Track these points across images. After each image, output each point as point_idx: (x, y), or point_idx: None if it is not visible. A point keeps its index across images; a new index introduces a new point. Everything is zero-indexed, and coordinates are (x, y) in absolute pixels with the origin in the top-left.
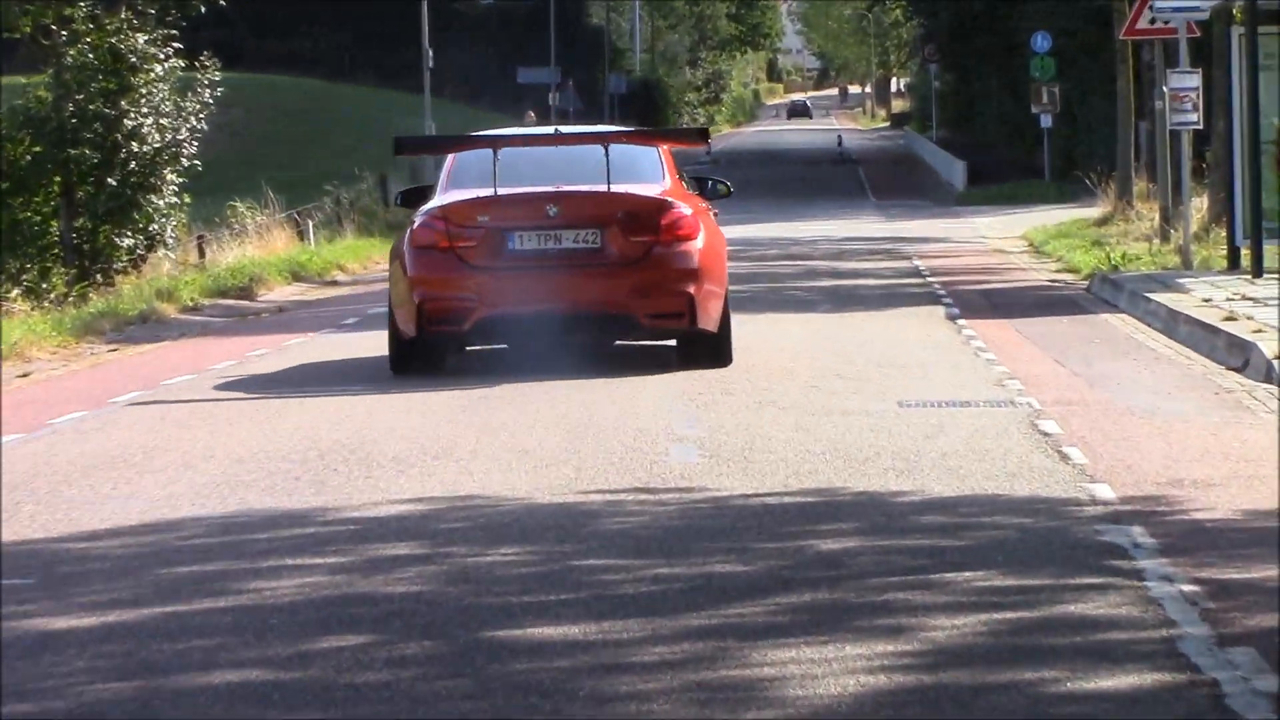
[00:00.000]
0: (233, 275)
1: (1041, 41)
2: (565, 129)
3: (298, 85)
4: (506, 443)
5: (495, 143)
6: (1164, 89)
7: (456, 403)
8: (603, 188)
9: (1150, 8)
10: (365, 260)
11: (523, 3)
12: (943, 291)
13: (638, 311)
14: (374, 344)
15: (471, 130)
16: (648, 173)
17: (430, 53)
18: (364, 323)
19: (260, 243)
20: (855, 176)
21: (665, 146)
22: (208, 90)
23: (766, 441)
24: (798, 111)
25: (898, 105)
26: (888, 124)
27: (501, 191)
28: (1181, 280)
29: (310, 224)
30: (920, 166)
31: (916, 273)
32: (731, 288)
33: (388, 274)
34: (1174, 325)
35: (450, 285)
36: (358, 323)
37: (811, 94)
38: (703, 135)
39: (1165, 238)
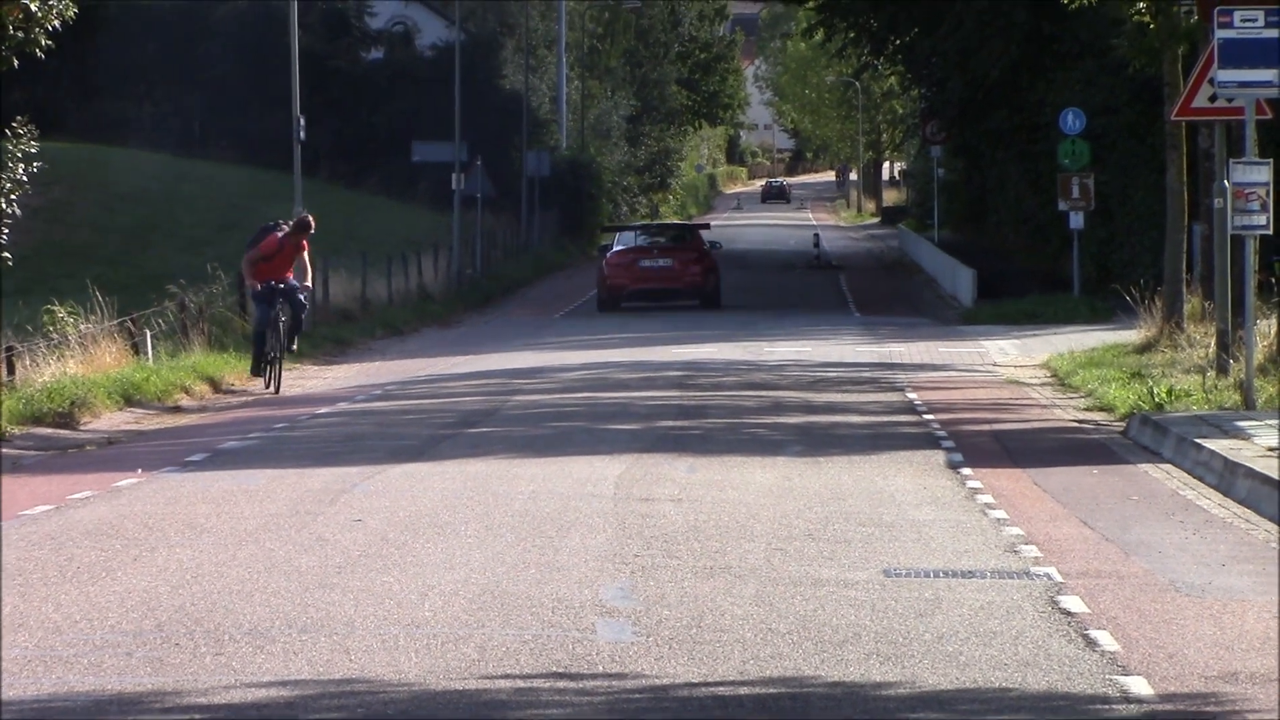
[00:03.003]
0: (50, 397)
1: (1073, 121)
2: (661, 223)
3: (135, 160)
4: (393, 613)
5: (636, 230)
6: (1225, 183)
7: (331, 562)
8: (674, 245)
9: (1210, 81)
10: (218, 380)
11: (420, 57)
12: (942, 433)
13: (685, 285)
14: (226, 486)
15: (357, 220)
16: (691, 237)
17: (302, 121)
18: (215, 460)
19: (85, 357)
20: (836, 286)
21: (697, 229)
22: (21, 165)
23: (718, 617)
24: (773, 194)
25: (890, 196)
26: (877, 219)
27: (638, 243)
28: (1242, 424)
29: (148, 335)
30: (917, 275)
31: (910, 408)
32: (671, 424)
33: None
34: (1231, 480)
35: (620, 278)
36: (206, 459)
37: (783, 179)
38: (705, 226)
39: (1223, 369)
